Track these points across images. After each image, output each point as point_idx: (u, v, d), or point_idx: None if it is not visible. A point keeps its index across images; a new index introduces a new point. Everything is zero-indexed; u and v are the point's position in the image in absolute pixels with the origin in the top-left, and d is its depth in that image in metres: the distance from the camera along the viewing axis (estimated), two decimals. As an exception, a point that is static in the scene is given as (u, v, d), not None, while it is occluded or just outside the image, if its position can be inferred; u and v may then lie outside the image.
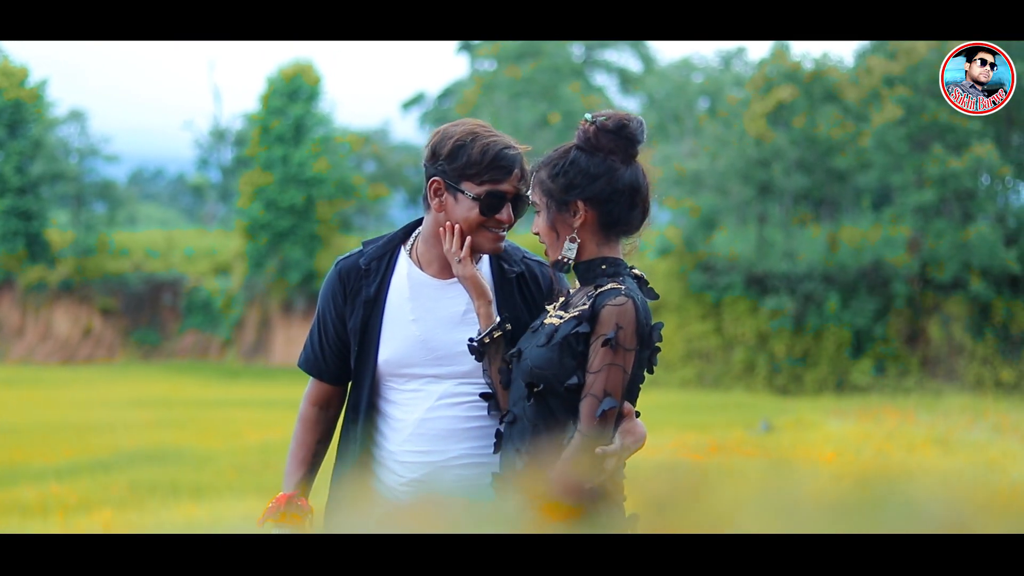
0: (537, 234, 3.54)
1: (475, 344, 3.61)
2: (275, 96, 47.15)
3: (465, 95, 47.73)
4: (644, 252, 34.44)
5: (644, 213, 3.52)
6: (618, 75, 54.84)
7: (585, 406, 3.34)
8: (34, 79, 51.28)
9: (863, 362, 33.97)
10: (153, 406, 28.26)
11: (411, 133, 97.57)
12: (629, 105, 53.79)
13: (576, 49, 50.61)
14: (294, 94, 47.21)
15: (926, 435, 20.36)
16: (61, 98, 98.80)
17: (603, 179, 3.43)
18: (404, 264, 3.82)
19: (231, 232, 52.35)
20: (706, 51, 76.24)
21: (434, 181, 3.74)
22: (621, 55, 54.76)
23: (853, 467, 16.79)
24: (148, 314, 48.84)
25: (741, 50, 53.31)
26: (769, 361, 34.76)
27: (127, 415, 25.77)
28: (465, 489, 3.67)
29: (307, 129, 46.93)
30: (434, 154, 3.74)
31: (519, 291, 3.76)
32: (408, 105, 60.62)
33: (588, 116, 3.47)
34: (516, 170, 3.65)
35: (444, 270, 3.78)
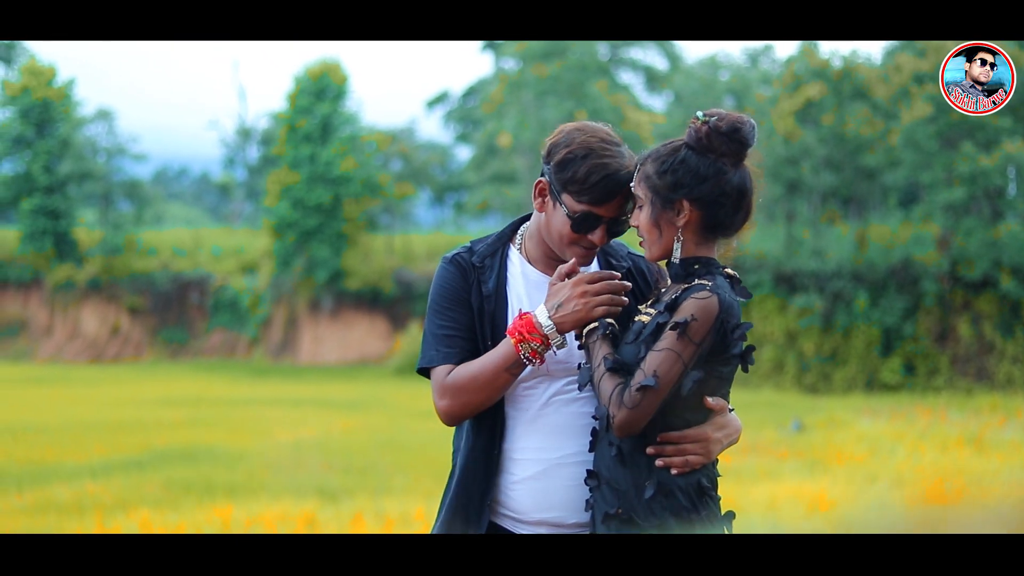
0: (636, 227, 3.52)
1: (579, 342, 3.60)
2: (302, 95, 47.21)
3: (491, 94, 47.73)
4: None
5: (746, 216, 3.51)
6: (644, 73, 54.80)
7: (635, 377, 3.35)
8: (61, 79, 51.47)
9: (892, 361, 33.84)
10: (183, 405, 28.33)
11: (436, 132, 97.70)
12: (655, 103, 53.73)
13: (602, 47, 50.56)
14: (321, 93, 47.27)
15: (959, 435, 20.28)
16: (88, 98, 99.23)
17: (711, 181, 3.41)
18: (516, 261, 3.78)
19: (258, 231, 52.47)
20: (732, 49, 76.04)
21: (540, 182, 3.68)
22: (647, 53, 54.71)
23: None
24: (176, 313, 49.00)
25: (768, 48, 53.21)
26: (798, 359, 34.67)
27: (158, 414, 25.85)
28: (580, 487, 3.61)
29: (334, 128, 46.98)
30: (549, 154, 3.66)
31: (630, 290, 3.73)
32: (432, 104, 60.67)
33: (700, 115, 3.43)
34: (620, 196, 3.58)
35: (550, 268, 3.75)
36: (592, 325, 3.51)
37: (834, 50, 36.83)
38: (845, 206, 39.40)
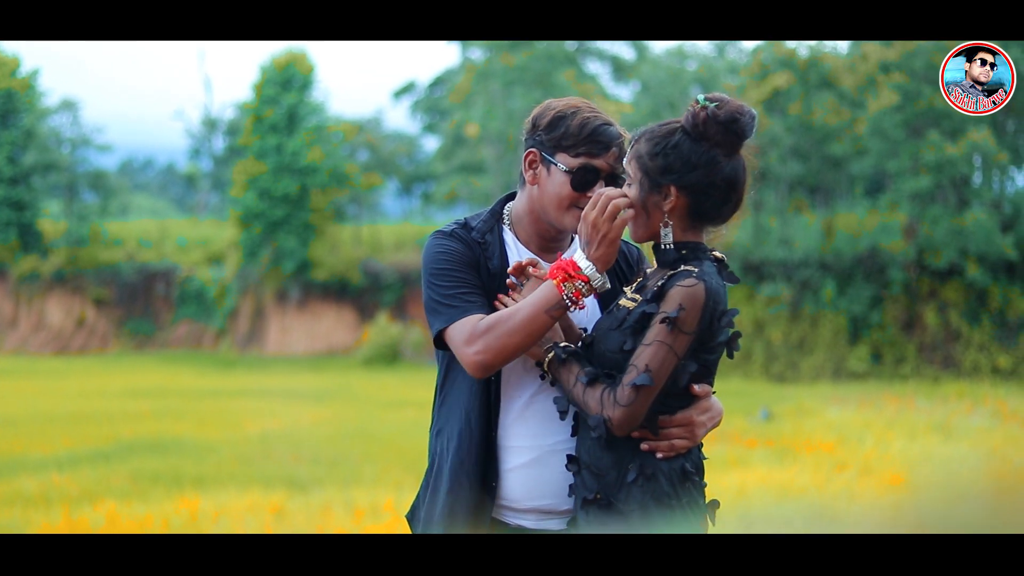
0: None
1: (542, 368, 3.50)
2: (268, 85, 47.04)
3: (458, 84, 47.64)
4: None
5: (736, 206, 3.43)
6: (611, 63, 54.76)
7: (627, 374, 3.28)
8: (26, 69, 51.17)
9: (860, 349, 33.97)
10: (150, 396, 28.18)
11: (404, 122, 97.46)
12: (622, 93, 53.72)
13: (569, 37, 50.48)
14: (287, 83, 47.11)
15: (927, 422, 20.37)
16: (53, 88, 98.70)
17: (702, 170, 3.33)
18: (511, 240, 3.71)
19: (224, 222, 52.28)
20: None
21: (530, 152, 3.63)
22: (614, 43, 54.70)
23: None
24: (141, 304, 48.78)
25: (735, 37, 53.20)
26: (766, 348, 34.76)
27: (124, 405, 25.70)
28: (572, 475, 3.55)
29: (300, 118, 46.83)
30: (534, 125, 3.62)
31: (611, 268, 3.66)
32: (399, 94, 60.51)
33: (701, 99, 3.35)
34: (613, 148, 3.54)
35: (543, 250, 3.70)
36: (549, 356, 3.43)
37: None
38: (812, 195, 39.53)
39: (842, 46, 38.28)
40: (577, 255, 3.43)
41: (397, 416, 23.14)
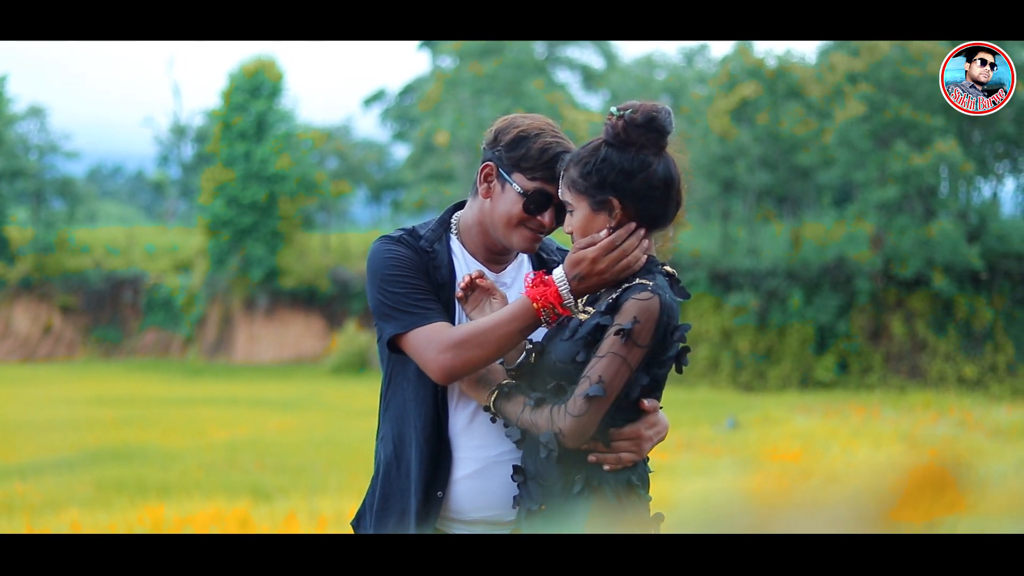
0: (571, 233, 3.45)
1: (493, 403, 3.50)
2: (237, 92, 46.90)
3: (428, 92, 47.64)
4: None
5: (678, 204, 3.44)
6: (581, 72, 54.87)
7: (580, 385, 3.28)
8: (-7, 75, 50.97)
9: (826, 358, 34.09)
10: (116, 404, 28.04)
11: (373, 129, 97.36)
12: (591, 102, 53.84)
13: (538, 46, 50.62)
14: (256, 90, 46.98)
15: (892, 431, 20.45)
16: (20, 94, 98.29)
17: (638, 175, 3.34)
18: (459, 251, 3.70)
19: (192, 229, 52.10)
20: (668, 48, 76.29)
21: (487, 165, 3.61)
22: (583, 52, 54.80)
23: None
24: (109, 312, 48.54)
25: (704, 47, 53.43)
26: (733, 358, 34.84)
27: (90, 413, 25.57)
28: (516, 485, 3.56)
29: (269, 125, 46.71)
30: (495, 139, 3.60)
31: None
32: (369, 102, 60.48)
33: (614, 110, 3.34)
34: None
35: (490, 261, 3.70)
36: (493, 394, 3.44)
37: (768, 49, 37.05)
38: (780, 205, 39.68)
39: (810, 56, 38.48)
40: (560, 282, 3.40)
41: (364, 424, 23.09)
